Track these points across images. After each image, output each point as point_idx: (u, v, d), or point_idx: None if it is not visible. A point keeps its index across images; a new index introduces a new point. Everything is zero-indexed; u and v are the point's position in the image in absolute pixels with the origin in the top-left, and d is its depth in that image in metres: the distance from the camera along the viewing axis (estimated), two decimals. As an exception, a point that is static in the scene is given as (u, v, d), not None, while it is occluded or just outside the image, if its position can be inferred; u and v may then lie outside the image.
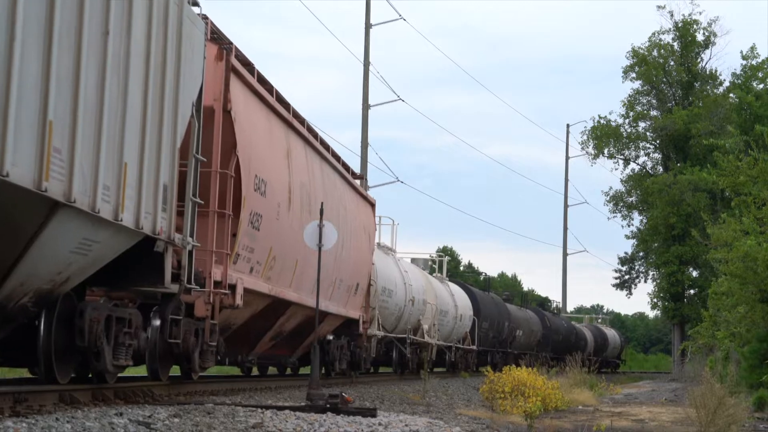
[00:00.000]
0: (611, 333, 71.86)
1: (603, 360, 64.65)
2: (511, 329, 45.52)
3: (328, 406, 12.65)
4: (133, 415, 9.63)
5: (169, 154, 10.69)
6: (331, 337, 22.15)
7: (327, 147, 20.14)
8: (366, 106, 40.24)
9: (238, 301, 14.19)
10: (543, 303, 69.58)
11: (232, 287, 14.10)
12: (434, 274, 36.29)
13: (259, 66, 15.61)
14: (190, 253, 11.75)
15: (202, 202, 12.23)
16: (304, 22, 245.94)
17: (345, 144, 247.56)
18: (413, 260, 34.59)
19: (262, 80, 15.68)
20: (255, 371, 23.20)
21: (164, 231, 10.56)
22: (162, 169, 10.44)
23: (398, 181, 41.73)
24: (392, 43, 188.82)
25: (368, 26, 40.32)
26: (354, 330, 23.22)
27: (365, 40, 40.37)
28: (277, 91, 16.39)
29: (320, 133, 19.85)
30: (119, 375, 12.03)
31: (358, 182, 23.77)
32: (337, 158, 21.21)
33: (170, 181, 10.75)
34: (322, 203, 17.77)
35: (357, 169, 42.11)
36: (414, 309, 29.63)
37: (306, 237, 17.29)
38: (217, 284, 13.57)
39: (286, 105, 16.96)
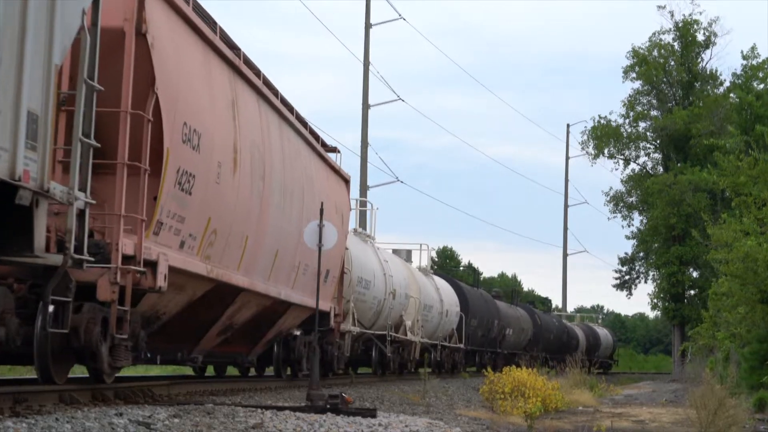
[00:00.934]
0: (603, 332, 70.67)
1: (595, 360, 63.00)
2: (501, 327, 43.50)
3: (328, 406, 12.64)
4: (133, 415, 9.62)
5: (40, 70, 7.77)
6: (297, 333, 19.45)
7: (290, 108, 17.08)
8: (366, 106, 40.24)
9: (161, 282, 11.25)
10: (534, 301, 67.62)
11: (152, 264, 11.15)
12: (418, 266, 33.77)
13: (259, 65, 15.34)
14: (81, 212, 8.65)
15: (98, 145, 8.95)
16: (304, 22, 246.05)
17: (345, 144, 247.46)
18: (395, 251, 31.88)
19: (201, 12, 12.86)
20: (233, 371, 21.94)
21: (31, 177, 7.65)
22: (25, 90, 7.43)
23: (398, 181, 41.70)
24: (392, 43, 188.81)
25: (368, 26, 40.33)
26: (324, 324, 19.95)
27: (365, 40, 40.40)
28: (221, 28, 13.48)
29: (319, 134, 19.70)
30: (116, 375, 11.96)
31: (333, 157, 20.65)
32: (304, 123, 18.12)
33: (42, 110, 7.77)
34: (321, 204, 17.42)
35: (357, 169, 42.18)
36: (395, 303, 27.25)
37: (306, 237, 17.25)
38: (128, 259, 10.67)
39: (234, 49, 14.04)
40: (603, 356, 67.75)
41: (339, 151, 20.97)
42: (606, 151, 59.23)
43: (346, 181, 21.87)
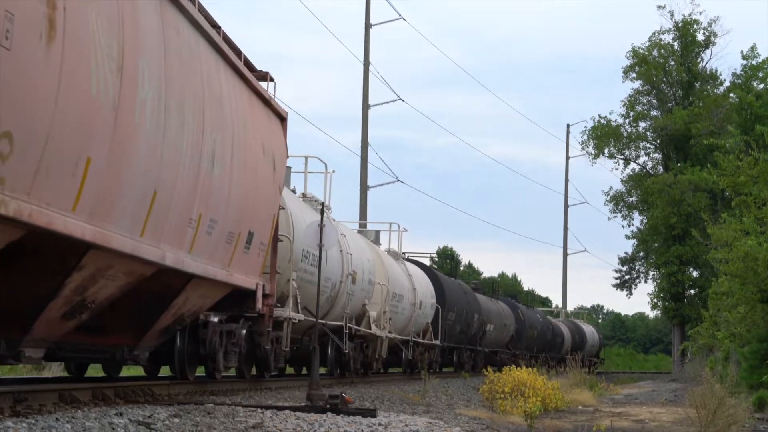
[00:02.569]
0: (589, 329, 68.41)
1: (580, 359, 61.46)
2: (482, 323, 39.38)
3: (328, 406, 12.65)
4: (133, 415, 9.63)
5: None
6: (214, 319, 14.83)
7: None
8: (366, 106, 40.24)
9: None
10: (515, 295, 62.63)
11: None
12: (387, 249, 29.59)
13: (259, 65, 15.29)
14: None
15: None
16: (304, 22, 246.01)
17: (345, 144, 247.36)
18: (361, 231, 28.34)
19: None
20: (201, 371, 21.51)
21: None
22: None
23: (398, 181, 41.65)
24: (392, 43, 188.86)
25: (368, 26, 40.33)
26: (247, 307, 15.43)
27: (365, 40, 40.39)
28: None
29: (319, 132, 19.12)
30: (119, 375, 11.98)
31: (263, 86, 15.36)
32: (216, 27, 12.99)
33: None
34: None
35: (357, 169, 42.16)
36: (356, 289, 22.62)
37: (305, 236, 17.22)
38: None
39: None
40: (589, 355, 64.74)
41: (273, 80, 15.87)
42: (606, 151, 59.23)
43: (282, 119, 16.23)
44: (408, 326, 29.02)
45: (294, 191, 20.44)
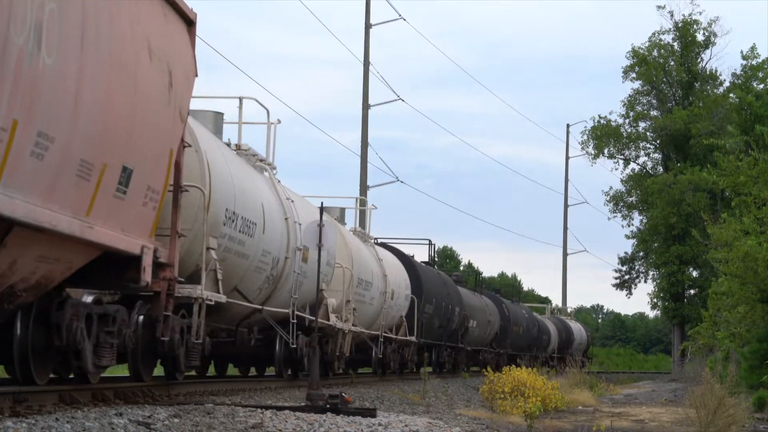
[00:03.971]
0: (577, 327, 64.92)
1: (567, 358, 57.08)
2: (464, 318, 35.69)
3: (327, 406, 12.65)
4: (133, 415, 9.64)
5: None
6: (87, 298, 10.98)
7: None
8: (366, 106, 40.25)
9: None
10: (500, 288, 58.60)
11: None
12: (353, 229, 25.75)
13: (259, 66, 14.59)
14: None
15: None
16: (304, 22, 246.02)
17: (346, 144, 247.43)
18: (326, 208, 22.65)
19: None
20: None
21: None
22: None
23: (398, 181, 41.61)
24: (392, 43, 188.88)
25: (368, 26, 40.34)
26: (129, 278, 10.79)
27: (365, 40, 40.40)
28: None
29: (320, 133, 18.71)
30: (119, 375, 11.99)
31: None
32: None
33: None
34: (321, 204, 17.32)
35: (357, 169, 42.10)
36: (308, 269, 18.23)
37: (304, 237, 17.18)
38: None
39: None
40: (576, 353, 60.81)
41: None
42: (606, 151, 59.26)
43: (188, 22, 12.05)
44: (378, 319, 25.21)
45: (229, 145, 16.39)
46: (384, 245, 29.64)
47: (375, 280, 24.47)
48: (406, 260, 30.00)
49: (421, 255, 34.32)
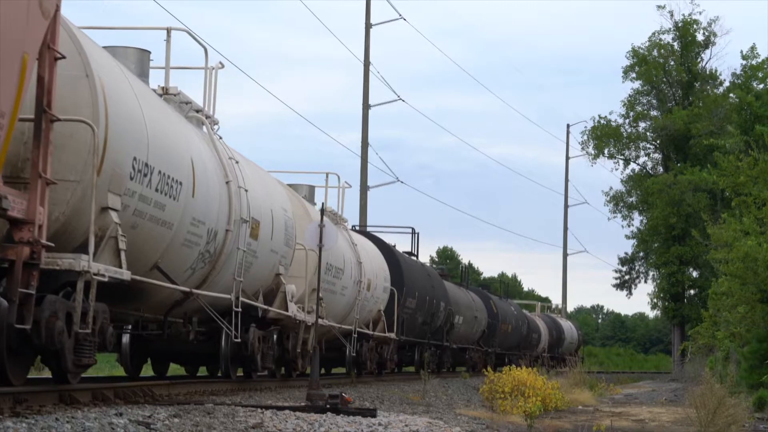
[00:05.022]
0: (567, 325, 63.19)
1: (558, 357, 56.08)
2: (449, 314, 33.25)
3: (327, 406, 12.65)
4: (133, 415, 9.64)
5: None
6: None
7: None
8: (366, 106, 40.26)
9: None
10: (488, 284, 56.52)
11: None
12: (322, 207, 19.23)
13: (259, 66, 13.99)
14: None
15: None
16: (305, 22, 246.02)
17: (346, 144, 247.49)
18: (293, 186, 20.73)
19: None
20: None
21: None
22: None
23: (398, 181, 41.62)
24: (392, 43, 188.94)
25: (368, 26, 40.35)
26: None
27: (365, 40, 40.41)
28: None
29: (320, 133, 18.36)
30: (119, 375, 11.94)
31: None
32: None
33: None
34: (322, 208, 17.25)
35: (357, 169, 42.09)
36: (260, 247, 15.36)
37: (305, 237, 17.18)
38: None
39: None
40: (567, 353, 59.21)
41: None
42: (606, 151, 59.30)
43: None
44: (351, 313, 22.55)
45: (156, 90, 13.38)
46: (362, 232, 27.11)
47: (348, 268, 21.70)
48: (386, 248, 27.29)
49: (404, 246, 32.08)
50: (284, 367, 18.88)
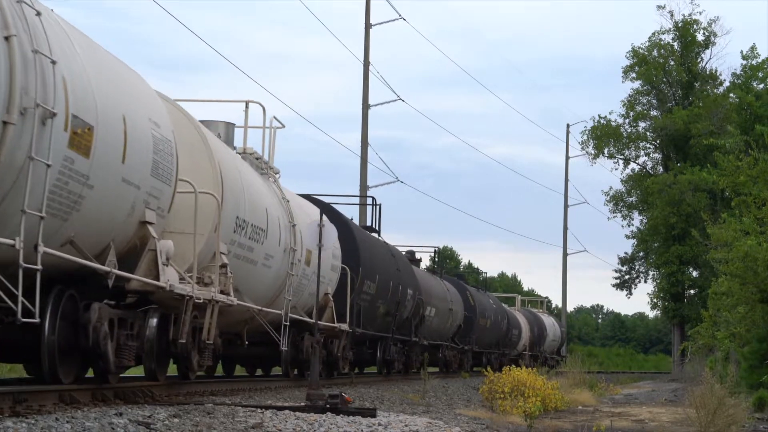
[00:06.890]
0: (550, 322, 58.97)
1: (538, 356, 52.84)
2: (419, 303, 28.64)
3: (327, 406, 12.65)
4: (133, 415, 9.64)
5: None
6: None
7: None
8: (366, 106, 40.25)
9: None
10: (464, 274, 51.28)
11: None
12: (243, 151, 16.95)
13: (259, 66, 13.84)
14: None
15: None
16: (304, 22, 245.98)
17: (346, 144, 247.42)
18: (204, 122, 15.28)
19: None
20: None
21: None
22: None
23: (398, 181, 41.56)
24: (392, 44, 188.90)
25: (368, 26, 40.34)
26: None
27: (365, 40, 40.40)
28: None
29: (320, 133, 18.44)
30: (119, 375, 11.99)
31: None
32: None
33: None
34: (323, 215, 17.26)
35: (357, 169, 42.09)
36: (95, 169, 9.83)
37: (305, 237, 17.18)
38: None
39: None
40: (549, 352, 56.36)
41: None
42: (606, 151, 59.30)
43: None
44: (281, 293, 17.24)
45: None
46: (306, 196, 21.50)
47: (273, 228, 16.39)
48: (337, 217, 22.02)
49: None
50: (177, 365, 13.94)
